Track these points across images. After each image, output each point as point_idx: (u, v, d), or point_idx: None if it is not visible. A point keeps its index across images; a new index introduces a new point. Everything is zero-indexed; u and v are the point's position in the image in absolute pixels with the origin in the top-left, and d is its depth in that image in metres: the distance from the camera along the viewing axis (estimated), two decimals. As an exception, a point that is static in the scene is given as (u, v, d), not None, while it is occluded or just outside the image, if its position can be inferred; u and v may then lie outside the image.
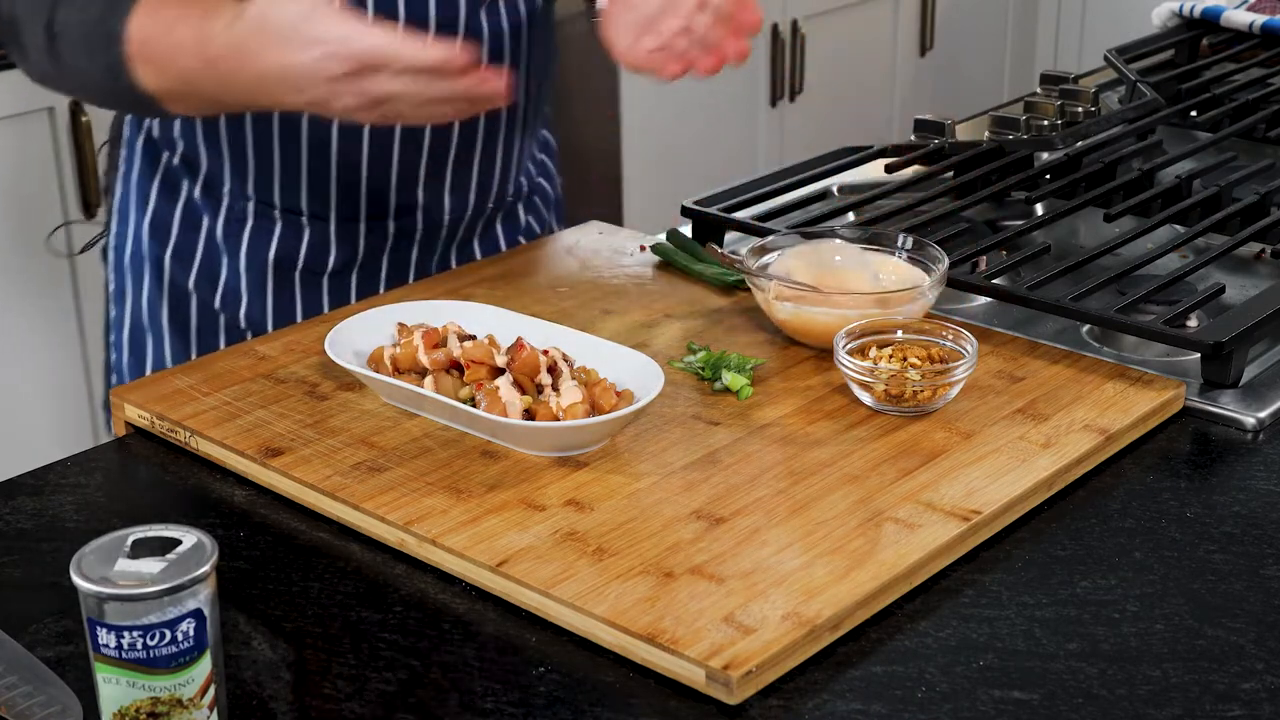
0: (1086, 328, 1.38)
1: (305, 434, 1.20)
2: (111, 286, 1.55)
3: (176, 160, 1.47)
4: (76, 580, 0.84)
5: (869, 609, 1.01)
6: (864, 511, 1.09)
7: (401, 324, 1.29)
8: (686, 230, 1.58)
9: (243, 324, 1.46)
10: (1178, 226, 1.59)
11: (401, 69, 1.16)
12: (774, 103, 3.75)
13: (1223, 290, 1.43)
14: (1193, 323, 1.39)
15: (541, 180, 1.65)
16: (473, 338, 1.25)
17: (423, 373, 1.23)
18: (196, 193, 1.47)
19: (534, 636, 1.00)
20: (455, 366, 1.22)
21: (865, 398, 1.23)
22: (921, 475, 1.14)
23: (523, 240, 1.60)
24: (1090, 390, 1.26)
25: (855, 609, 1.00)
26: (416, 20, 1.37)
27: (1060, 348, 1.33)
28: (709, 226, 1.58)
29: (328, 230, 1.45)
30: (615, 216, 3.44)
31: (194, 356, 1.47)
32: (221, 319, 1.46)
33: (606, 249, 1.57)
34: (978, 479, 1.13)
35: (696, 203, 1.60)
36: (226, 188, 1.45)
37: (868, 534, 1.06)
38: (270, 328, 1.46)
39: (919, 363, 1.23)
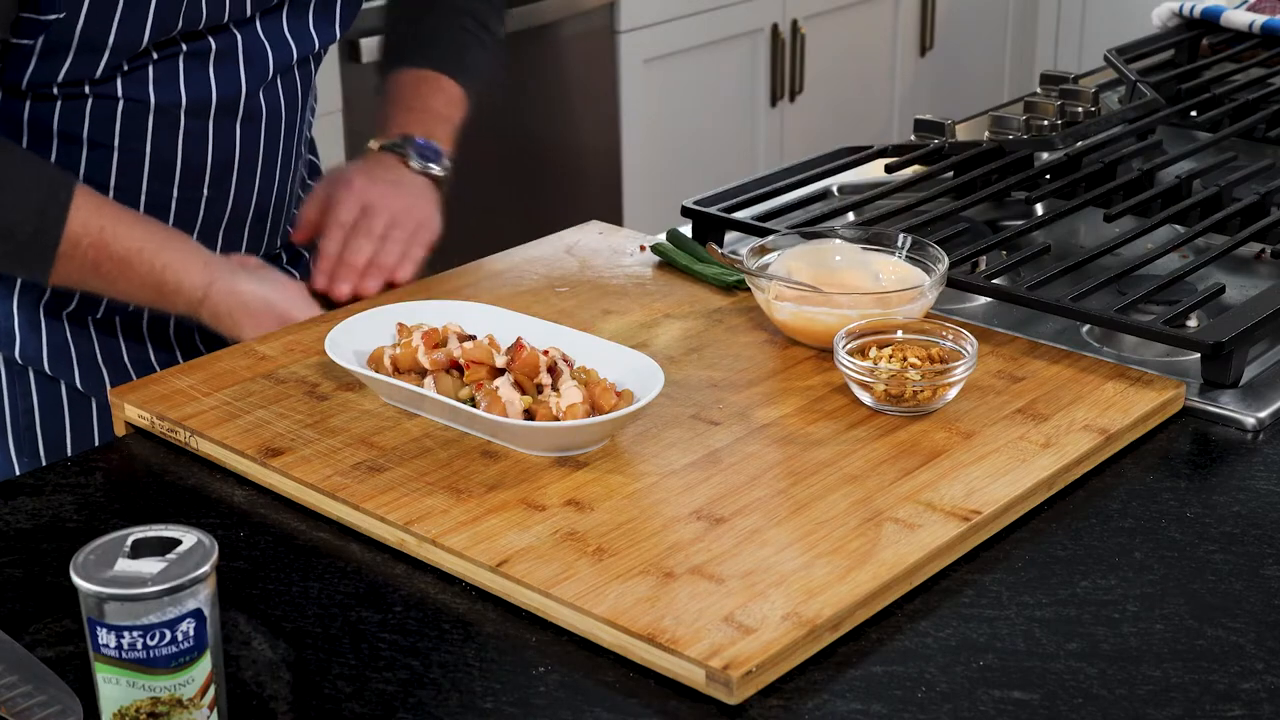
0: (1086, 328, 1.38)
1: (305, 434, 1.20)
2: None
3: None
4: (76, 580, 0.84)
5: (869, 609, 1.01)
6: (864, 511, 1.09)
7: (401, 324, 1.29)
8: (686, 230, 1.58)
9: (19, 360, 1.46)
10: (1178, 226, 1.59)
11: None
12: (774, 103, 3.75)
13: (1223, 290, 1.43)
14: (1193, 323, 1.39)
15: None
16: (473, 338, 1.25)
17: (423, 373, 1.23)
18: None
19: (534, 636, 1.00)
20: (455, 366, 1.22)
21: (865, 398, 1.23)
22: (921, 475, 1.14)
23: (292, 270, 1.60)
24: (1090, 390, 1.26)
25: (855, 609, 1.00)
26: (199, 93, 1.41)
27: (1060, 348, 1.33)
28: (709, 226, 1.58)
29: None
30: (615, 216, 3.44)
31: None
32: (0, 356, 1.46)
33: (606, 249, 1.57)
34: (978, 479, 1.13)
35: (696, 203, 1.60)
36: None
37: (868, 534, 1.06)
38: (46, 366, 1.46)
39: (919, 363, 1.23)
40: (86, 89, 1.36)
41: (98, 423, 1.48)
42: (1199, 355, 1.30)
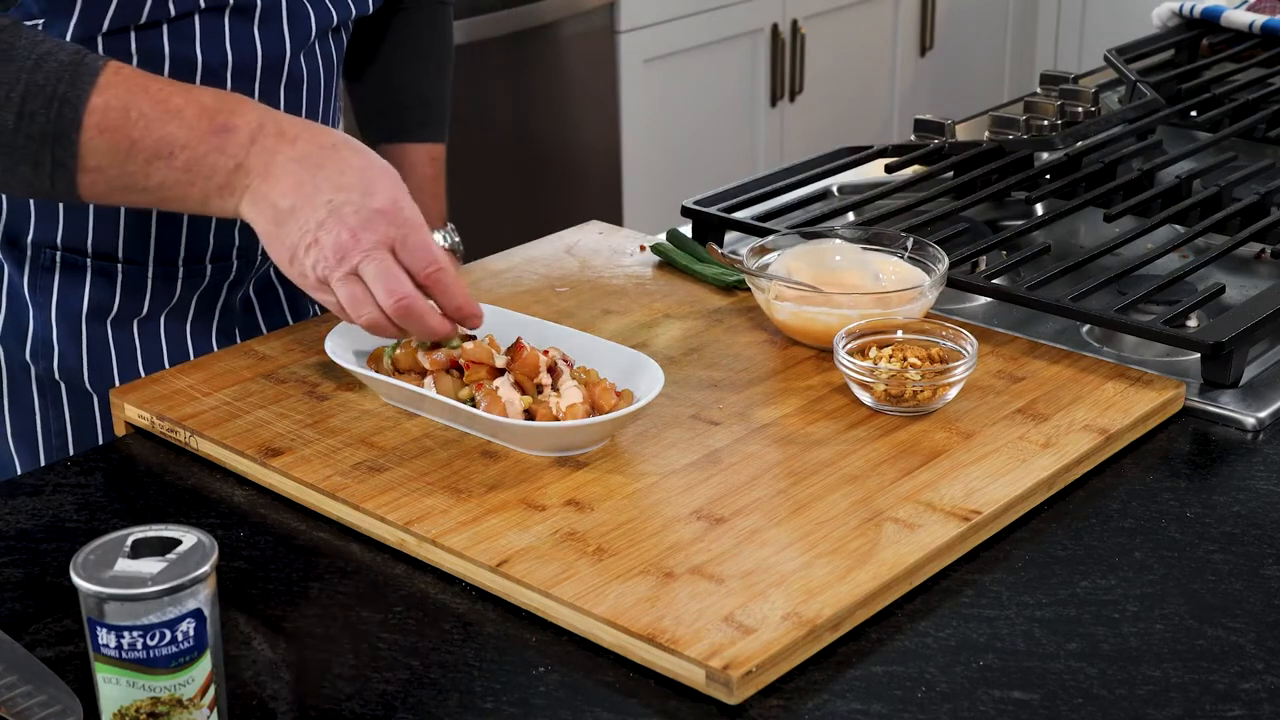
0: (1086, 328, 1.38)
1: (305, 434, 1.20)
2: None
3: None
4: (76, 580, 0.84)
5: (869, 609, 1.01)
6: (864, 511, 1.09)
7: (401, 324, 1.29)
8: (686, 230, 1.58)
9: (57, 376, 1.42)
10: (1178, 226, 1.59)
11: (416, 247, 1.17)
12: (774, 103, 3.75)
13: (1223, 290, 1.43)
14: (1193, 323, 1.39)
15: None
16: (473, 338, 1.25)
17: (423, 373, 1.23)
18: None
19: (534, 636, 1.00)
20: (455, 366, 1.22)
21: (865, 398, 1.23)
22: (921, 475, 1.14)
23: None
24: (1090, 390, 1.26)
25: (855, 609, 1.00)
26: (245, 60, 1.37)
27: (1060, 348, 1.33)
28: (709, 226, 1.58)
29: (144, 275, 1.42)
30: (615, 216, 3.44)
31: (6, 414, 1.44)
32: (33, 371, 1.42)
33: (606, 249, 1.57)
34: (978, 479, 1.13)
35: (696, 203, 1.60)
36: (30, 238, 1.39)
37: (868, 534, 1.06)
38: (87, 378, 1.41)
39: (919, 363, 1.23)
40: (133, 45, 1.33)
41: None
42: (1199, 355, 1.30)
